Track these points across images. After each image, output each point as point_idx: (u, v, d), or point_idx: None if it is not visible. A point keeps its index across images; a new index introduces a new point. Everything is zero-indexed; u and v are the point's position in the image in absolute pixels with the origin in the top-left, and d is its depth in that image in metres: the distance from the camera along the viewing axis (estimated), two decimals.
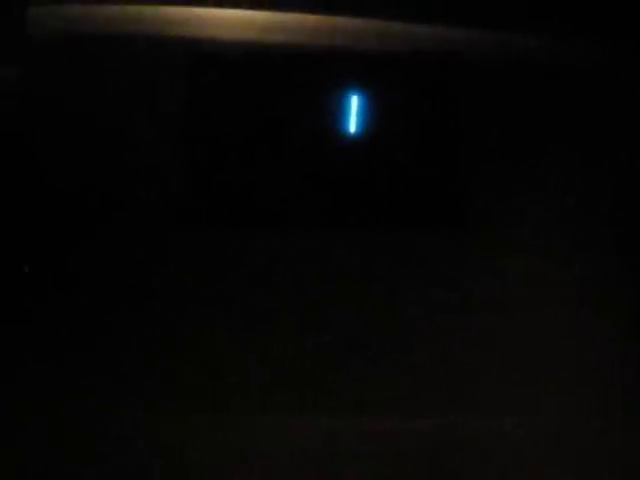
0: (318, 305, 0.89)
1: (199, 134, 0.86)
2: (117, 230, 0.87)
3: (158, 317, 0.88)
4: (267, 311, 0.88)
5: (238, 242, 0.88)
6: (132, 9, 0.85)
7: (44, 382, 0.87)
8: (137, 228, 0.87)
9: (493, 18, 0.85)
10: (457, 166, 0.89)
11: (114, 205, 0.86)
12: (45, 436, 0.87)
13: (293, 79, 0.86)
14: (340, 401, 0.89)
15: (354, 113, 0.87)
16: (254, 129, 0.87)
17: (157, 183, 0.86)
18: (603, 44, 0.87)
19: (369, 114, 0.87)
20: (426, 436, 0.90)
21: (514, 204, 0.90)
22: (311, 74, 0.86)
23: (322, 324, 0.89)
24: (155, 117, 0.86)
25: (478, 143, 0.88)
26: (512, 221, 0.90)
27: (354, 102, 0.87)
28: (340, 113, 0.87)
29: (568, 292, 0.91)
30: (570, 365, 0.90)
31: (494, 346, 0.90)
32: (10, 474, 0.86)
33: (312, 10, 0.85)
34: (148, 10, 0.85)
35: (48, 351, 0.86)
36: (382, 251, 0.89)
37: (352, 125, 0.88)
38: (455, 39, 0.86)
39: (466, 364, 0.90)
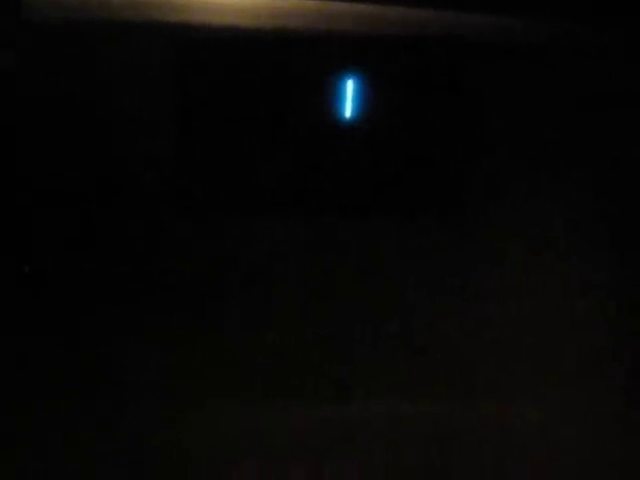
0: (318, 292, 0.89)
1: (194, 121, 0.86)
2: (114, 218, 0.85)
3: (156, 307, 0.86)
4: (267, 299, 0.88)
5: (232, 229, 0.87)
6: None
7: (45, 380, 0.85)
8: (134, 216, 0.86)
9: (493, 1, 0.86)
10: (456, 152, 0.89)
11: (110, 193, 0.85)
12: (46, 435, 0.85)
13: (288, 64, 0.86)
14: (343, 388, 0.89)
15: (350, 98, 0.88)
16: (249, 115, 0.87)
17: (153, 170, 0.85)
18: (608, 29, 0.88)
19: (365, 99, 0.89)
20: (426, 424, 0.91)
21: (515, 191, 0.90)
22: (306, 59, 0.87)
23: (323, 311, 0.89)
24: (151, 103, 0.85)
25: (478, 128, 0.89)
26: (512, 208, 0.91)
27: (349, 87, 0.88)
28: (336, 98, 0.88)
29: (568, 280, 0.91)
30: (571, 355, 0.91)
31: (495, 334, 0.91)
32: (10, 474, 0.84)
33: None
34: None
35: (49, 346, 0.85)
36: (379, 237, 0.90)
37: (348, 110, 0.89)
38: (454, 23, 0.87)
39: (466, 352, 0.91)
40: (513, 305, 0.90)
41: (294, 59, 0.87)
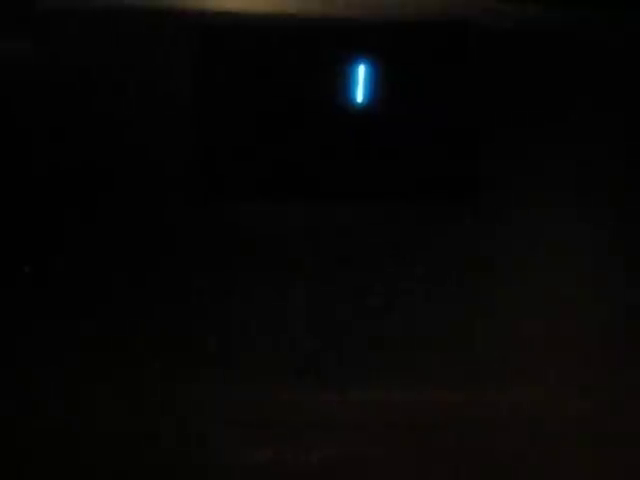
0: (332, 278, 0.87)
1: (210, 106, 0.86)
2: (127, 205, 0.85)
3: (168, 293, 0.85)
4: (280, 284, 0.86)
5: (246, 215, 0.86)
6: None
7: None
8: (147, 203, 0.85)
9: None
10: (468, 138, 0.88)
11: (125, 179, 0.84)
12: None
13: (301, 49, 0.87)
14: (358, 373, 0.87)
15: (361, 83, 0.88)
16: (262, 100, 0.87)
17: (168, 157, 0.85)
18: (615, 14, 0.88)
19: (376, 84, 0.89)
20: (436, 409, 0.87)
21: (531, 177, 0.88)
22: (318, 44, 0.87)
23: (337, 298, 0.87)
24: (166, 91, 0.85)
25: (489, 113, 0.88)
26: (529, 195, 0.89)
27: (361, 72, 0.88)
28: (347, 83, 0.88)
29: (587, 272, 0.89)
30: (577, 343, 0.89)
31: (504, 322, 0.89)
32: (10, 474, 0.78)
33: None
34: None
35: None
36: (392, 223, 0.88)
37: (359, 95, 0.88)
38: (465, 6, 0.87)
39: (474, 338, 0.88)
40: (527, 293, 0.88)
41: (306, 45, 0.87)
